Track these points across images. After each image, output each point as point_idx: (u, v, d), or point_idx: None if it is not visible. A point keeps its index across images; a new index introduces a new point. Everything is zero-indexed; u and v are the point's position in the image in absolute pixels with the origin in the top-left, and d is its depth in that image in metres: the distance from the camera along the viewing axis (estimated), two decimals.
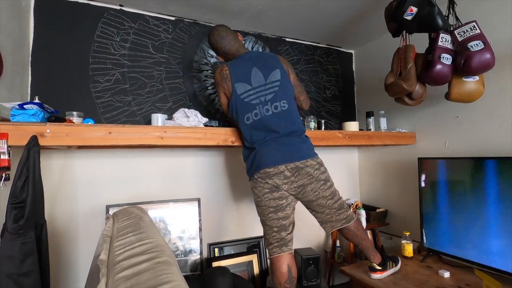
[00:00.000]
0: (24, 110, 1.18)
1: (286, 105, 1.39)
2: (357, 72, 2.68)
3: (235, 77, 1.40)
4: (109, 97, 1.78)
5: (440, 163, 1.71)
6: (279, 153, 1.35)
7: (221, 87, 1.45)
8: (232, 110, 1.43)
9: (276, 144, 1.36)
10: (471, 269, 1.51)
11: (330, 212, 1.42)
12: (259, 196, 1.39)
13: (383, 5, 1.68)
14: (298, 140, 1.39)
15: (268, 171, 1.34)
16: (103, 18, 1.79)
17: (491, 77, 1.60)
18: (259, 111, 1.37)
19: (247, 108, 1.38)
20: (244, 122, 1.40)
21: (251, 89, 1.39)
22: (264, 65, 1.42)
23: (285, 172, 1.34)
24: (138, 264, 0.59)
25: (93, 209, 1.70)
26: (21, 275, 1.02)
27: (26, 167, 1.07)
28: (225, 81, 1.42)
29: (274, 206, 1.36)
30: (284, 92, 1.40)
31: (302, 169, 1.35)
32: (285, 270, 1.35)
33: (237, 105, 1.40)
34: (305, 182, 1.35)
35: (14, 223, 1.02)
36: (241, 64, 1.43)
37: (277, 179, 1.34)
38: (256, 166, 1.37)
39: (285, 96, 1.40)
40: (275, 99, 1.38)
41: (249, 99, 1.38)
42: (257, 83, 1.39)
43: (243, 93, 1.39)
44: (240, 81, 1.40)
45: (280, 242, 1.37)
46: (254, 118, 1.38)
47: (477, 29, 1.38)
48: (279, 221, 1.36)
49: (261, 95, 1.38)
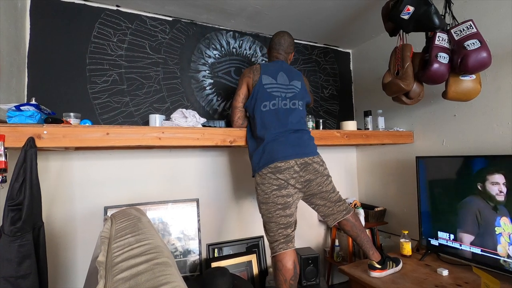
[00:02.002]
0: (21, 111, 1.17)
1: (301, 107, 1.56)
2: (354, 71, 2.69)
3: (265, 71, 1.57)
4: (107, 98, 1.78)
5: (438, 162, 1.72)
6: (290, 148, 1.42)
7: (246, 78, 1.59)
8: (251, 98, 1.55)
9: (286, 138, 1.44)
10: (470, 267, 1.51)
11: (330, 205, 1.52)
12: (267, 193, 1.40)
13: (380, 4, 1.68)
14: (307, 136, 1.52)
15: (279, 165, 1.38)
16: (99, 19, 1.78)
17: (488, 75, 1.61)
18: (277, 102, 1.51)
19: (267, 97, 1.51)
20: (260, 109, 1.50)
21: (276, 83, 1.55)
22: (290, 73, 1.61)
23: (295, 167, 1.40)
24: (137, 265, 0.59)
25: (91, 210, 1.69)
26: (19, 277, 1.01)
27: (23, 169, 1.06)
28: (253, 72, 1.58)
29: (282, 204, 1.39)
30: (301, 97, 1.58)
31: (310, 165, 1.43)
32: (291, 267, 1.36)
33: (259, 92, 1.53)
34: (311, 177, 1.44)
35: (11, 225, 1.02)
36: (271, 66, 1.61)
37: (287, 173, 1.39)
38: (265, 160, 1.41)
39: (302, 100, 1.58)
40: (294, 98, 1.54)
41: (272, 90, 1.53)
42: (281, 81, 1.56)
43: (267, 84, 1.54)
44: (267, 74, 1.56)
45: (286, 238, 1.39)
46: (271, 107, 1.50)
47: (473, 28, 1.38)
48: (286, 218, 1.39)
49: (282, 91, 1.54)
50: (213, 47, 2.12)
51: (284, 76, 1.58)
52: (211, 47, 2.11)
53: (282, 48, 1.65)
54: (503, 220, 1.40)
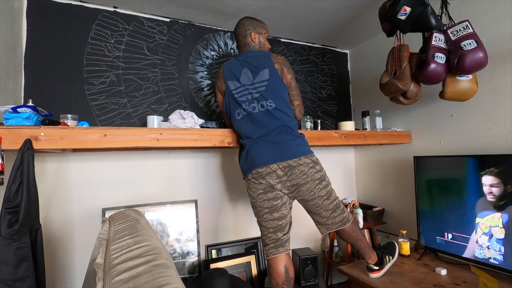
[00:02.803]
0: (18, 113, 1.17)
1: (273, 104, 1.38)
2: (352, 72, 2.70)
3: (228, 75, 1.48)
4: (104, 99, 1.77)
5: (436, 162, 1.73)
6: (270, 152, 1.33)
7: (217, 86, 1.56)
8: (226, 107, 1.50)
9: (266, 143, 1.35)
10: (468, 266, 1.52)
11: (326, 214, 1.40)
12: (254, 197, 1.38)
13: (377, 5, 1.69)
14: (289, 137, 1.37)
15: (260, 171, 1.33)
16: (97, 20, 1.78)
17: (484, 75, 1.62)
18: (246, 107, 1.41)
19: (237, 104, 1.44)
20: (235, 118, 1.45)
21: (240, 86, 1.44)
22: (254, 66, 1.44)
23: (278, 171, 1.32)
24: (135, 267, 0.59)
25: (89, 212, 1.68)
26: (16, 280, 1.00)
27: (20, 171, 1.06)
28: (220, 79, 1.52)
29: (269, 207, 1.35)
30: (272, 91, 1.40)
31: (295, 167, 1.31)
32: (282, 271, 1.34)
33: (230, 101, 1.47)
34: (299, 182, 1.33)
35: (8, 228, 1.01)
36: (235, 64, 1.49)
37: (269, 178, 1.33)
38: (248, 166, 1.38)
39: (272, 96, 1.39)
40: (261, 99, 1.39)
41: (238, 95, 1.44)
42: (245, 81, 1.43)
43: (234, 90, 1.45)
44: (231, 79, 1.46)
45: (276, 242, 1.36)
46: (243, 113, 1.43)
47: (469, 28, 1.39)
48: (274, 221, 1.35)
49: (248, 93, 1.42)
50: (211, 48, 2.12)
51: (247, 72, 1.43)
52: (208, 48, 2.11)
53: (240, 37, 1.51)
54: (494, 216, 1.41)
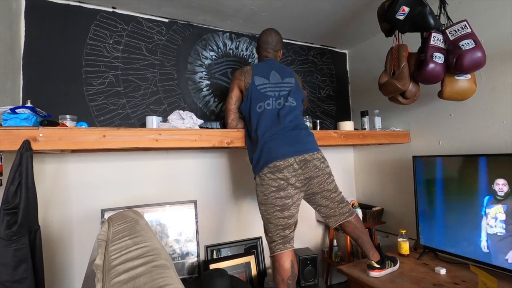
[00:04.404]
0: (16, 114, 1.16)
1: (295, 103, 1.53)
2: (351, 72, 2.70)
3: (256, 71, 1.57)
4: (103, 100, 1.77)
5: (434, 161, 1.73)
6: (288, 146, 1.40)
7: (237, 80, 1.60)
8: (246, 100, 1.55)
9: (284, 137, 1.42)
10: (467, 266, 1.52)
11: (333, 206, 1.49)
12: (266, 194, 1.39)
13: (375, 5, 1.69)
14: (304, 133, 1.49)
15: (278, 164, 1.37)
16: (95, 21, 1.78)
17: (483, 75, 1.62)
18: (271, 102, 1.50)
19: (262, 98, 1.51)
20: (255, 110, 1.50)
21: (268, 83, 1.54)
22: (282, 71, 1.60)
23: (294, 165, 1.38)
24: (135, 268, 0.59)
25: (88, 213, 1.68)
26: (15, 282, 1.00)
27: (18, 172, 1.05)
28: (245, 74, 1.58)
29: (281, 205, 1.37)
30: (295, 93, 1.56)
31: (310, 161, 1.40)
32: (289, 267, 1.37)
33: (253, 94, 1.53)
34: (312, 175, 1.41)
35: (7, 229, 1.01)
36: (263, 65, 1.61)
37: (287, 172, 1.37)
38: (264, 160, 1.40)
39: (295, 96, 1.55)
40: (288, 96, 1.53)
41: (265, 90, 1.53)
42: (274, 80, 1.56)
43: (260, 85, 1.53)
44: (260, 75, 1.56)
45: (284, 239, 1.39)
46: (266, 107, 1.49)
47: (468, 28, 1.40)
48: (284, 219, 1.38)
49: (276, 90, 1.53)
50: (210, 48, 2.11)
51: (276, 74, 1.57)
52: (207, 48, 2.11)
53: (271, 47, 1.64)
54: (497, 207, 1.43)
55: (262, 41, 1.65)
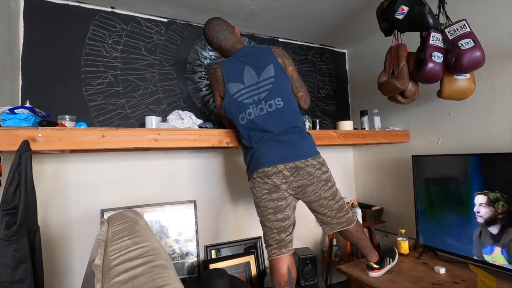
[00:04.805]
0: (15, 114, 1.16)
1: (281, 102, 1.33)
2: (350, 71, 2.70)
3: (228, 77, 1.38)
4: (102, 100, 1.77)
5: (434, 160, 1.73)
6: (278, 152, 1.30)
7: (216, 89, 1.48)
8: (226, 111, 1.42)
9: (275, 142, 1.32)
10: (466, 265, 1.53)
11: (330, 214, 1.39)
12: (258, 197, 1.36)
13: (375, 5, 1.69)
14: (298, 137, 1.34)
15: (267, 170, 1.30)
16: (94, 21, 1.77)
17: (482, 74, 1.62)
18: (252, 110, 1.34)
19: (241, 108, 1.36)
20: (240, 123, 1.38)
21: (244, 88, 1.36)
22: (257, 62, 1.37)
23: (284, 172, 1.29)
24: (134, 268, 0.59)
25: (88, 213, 1.68)
26: (15, 282, 1.00)
27: (17, 173, 1.05)
28: (219, 82, 1.43)
29: (273, 208, 1.32)
30: (279, 88, 1.35)
31: (302, 168, 1.30)
32: (285, 272, 1.33)
33: (230, 105, 1.38)
34: (305, 183, 1.31)
35: (6, 229, 1.00)
36: (234, 63, 1.39)
37: (275, 178, 1.30)
38: (254, 166, 1.34)
39: (280, 93, 1.34)
40: (269, 97, 1.33)
41: (242, 98, 1.36)
42: (249, 82, 1.36)
43: (236, 93, 1.37)
44: (233, 81, 1.37)
45: (279, 243, 1.34)
46: (248, 117, 1.35)
47: (467, 28, 1.40)
48: (278, 222, 1.33)
49: (254, 94, 1.35)
50: (209, 48, 2.11)
51: (251, 72, 1.36)
52: (207, 48, 2.10)
53: (225, 38, 1.41)
54: None
55: (212, 36, 1.41)
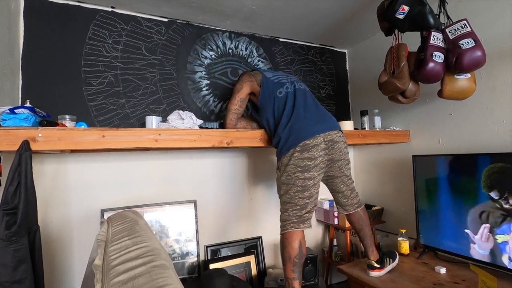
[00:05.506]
0: (15, 114, 1.16)
1: (302, 87, 1.64)
2: (350, 71, 2.70)
3: (264, 71, 1.68)
4: (102, 100, 1.76)
5: (434, 160, 1.73)
6: (315, 124, 1.46)
7: (248, 82, 1.65)
8: (263, 92, 1.60)
9: (310, 115, 1.50)
10: (467, 265, 1.52)
11: (347, 194, 1.58)
12: (290, 174, 1.43)
13: (375, 4, 1.69)
14: (326, 111, 1.59)
15: (308, 143, 1.41)
16: (94, 20, 1.77)
17: (483, 74, 1.62)
18: (288, 86, 1.59)
19: (278, 85, 1.59)
20: (277, 96, 1.57)
21: (279, 74, 1.68)
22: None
23: (322, 144, 1.43)
24: (134, 268, 0.58)
25: (88, 213, 1.67)
26: (15, 282, 1.00)
27: (17, 173, 1.05)
28: (254, 75, 1.66)
29: (302, 186, 1.41)
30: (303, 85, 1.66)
31: (337, 143, 1.48)
32: (297, 246, 1.39)
33: (268, 85, 1.61)
34: (335, 157, 1.49)
35: (6, 229, 1.00)
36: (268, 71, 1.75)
37: (315, 151, 1.41)
38: (293, 140, 1.43)
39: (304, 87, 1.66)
40: (298, 81, 1.66)
41: (279, 79, 1.63)
42: (280, 74, 1.69)
43: (272, 76, 1.64)
44: (268, 72, 1.69)
45: (299, 219, 1.42)
46: (285, 90, 1.57)
47: (468, 27, 1.39)
48: (303, 200, 1.42)
49: (288, 78, 1.65)
50: (209, 48, 2.11)
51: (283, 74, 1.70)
52: (207, 48, 2.10)
53: None
54: None
55: None
